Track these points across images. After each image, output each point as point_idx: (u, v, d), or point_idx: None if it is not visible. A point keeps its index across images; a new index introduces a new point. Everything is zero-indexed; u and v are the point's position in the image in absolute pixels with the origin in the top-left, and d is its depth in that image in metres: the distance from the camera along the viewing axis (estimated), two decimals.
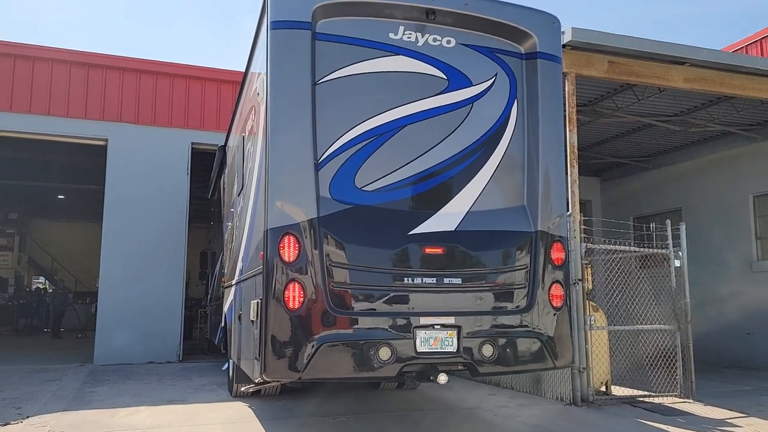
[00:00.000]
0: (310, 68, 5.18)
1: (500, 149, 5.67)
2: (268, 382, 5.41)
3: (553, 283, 5.50)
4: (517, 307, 5.37)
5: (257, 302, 5.26)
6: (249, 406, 7.37)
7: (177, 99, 13.01)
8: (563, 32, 8.02)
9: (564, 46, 8.14)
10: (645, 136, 12.77)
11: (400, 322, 4.98)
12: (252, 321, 5.54)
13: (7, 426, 6.43)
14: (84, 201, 22.15)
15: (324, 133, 5.15)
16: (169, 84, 12.99)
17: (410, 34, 5.55)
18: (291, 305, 4.77)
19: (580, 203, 8.31)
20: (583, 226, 7.95)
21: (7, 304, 23.02)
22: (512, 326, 5.31)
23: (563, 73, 8.22)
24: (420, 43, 5.57)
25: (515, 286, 5.42)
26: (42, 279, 28.56)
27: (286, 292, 4.78)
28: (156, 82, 12.92)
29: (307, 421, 6.60)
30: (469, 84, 5.67)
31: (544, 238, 5.53)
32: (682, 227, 8.35)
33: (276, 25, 5.26)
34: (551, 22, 6.06)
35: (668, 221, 8.33)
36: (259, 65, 6.12)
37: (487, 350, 5.15)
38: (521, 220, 5.58)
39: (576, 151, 8.25)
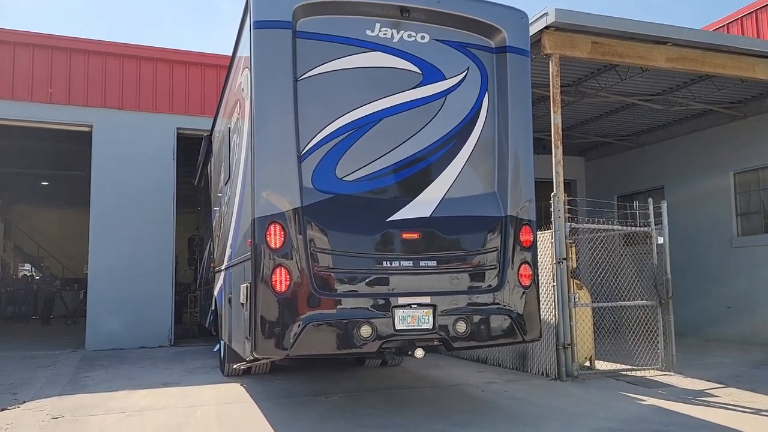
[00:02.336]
0: (292, 65, 5.47)
1: (472, 139, 6.01)
2: (259, 360, 5.73)
3: (522, 263, 5.90)
4: (489, 286, 5.76)
5: (246, 286, 5.58)
6: (243, 387, 7.52)
7: (161, 84, 12.93)
8: (547, 14, 8.20)
9: (548, 27, 8.28)
10: (628, 115, 12.94)
11: (380, 302, 5.36)
12: (242, 303, 5.84)
13: (5, 411, 6.51)
14: (68, 187, 21.99)
15: (306, 126, 5.45)
16: (152, 69, 12.89)
17: (386, 30, 5.85)
18: (278, 288, 5.15)
19: (564, 183, 8.47)
20: (568, 206, 8.11)
21: None
22: (484, 304, 5.70)
23: (547, 54, 8.42)
24: (395, 40, 5.87)
25: (486, 267, 5.80)
26: (28, 266, 28.40)
27: (274, 277, 5.16)
28: (139, 67, 12.81)
29: (301, 400, 6.75)
30: (443, 78, 5.98)
31: (513, 222, 5.92)
32: (664, 205, 8.53)
33: (258, 25, 5.54)
34: (520, 17, 6.38)
35: (650, 200, 8.51)
36: (243, 62, 6.32)
37: (461, 327, 5.55)
38: (492, 205, 5.94)
39: (560, 132, 8.39)
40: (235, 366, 7.56)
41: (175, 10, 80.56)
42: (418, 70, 5.89)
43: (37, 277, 26.14)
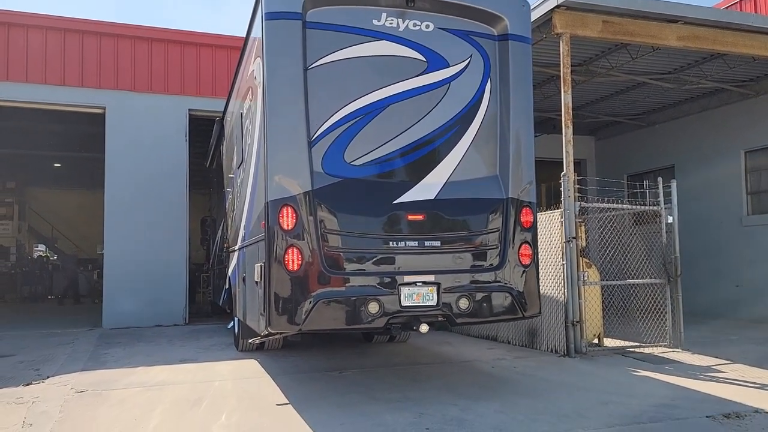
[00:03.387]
0: (302, 55, 5.69)
1: (475, 125, 6.21)
2: (273, 335, 5.99)
3: (522, 243, 6.15)
4: (490, 265, 6.02)
5: (261, 265, 5.83)
6: (258, 363, 7.73)
7: (173, 65, 13.00)
8: None
9: (558, 6, 8.28)
10: (639, 94, 12.90)
11: (387, 280, 5.63)
12: (256, 282, 6.10)
13: (30, 386, 6.75)
14: (81, 169, 22.23)
15: (316, 113, 5.69)
16: (164, 50, 12.95)
17: (392, 20, 6.03)
18: (290, 267, 5.43)
19: (574, 162, 8.53)
20: (578, 186, 8.17)
21: (10, 272, 23.29)
22: (486, 282, 5.97)
23: (558, 33, 8.43)
24: (401, 29, 6.06)
25: (488, 247, 6.06)
26: (42, 247, 28.82)
27: (286, 256, 5.44)
28: (151, 49, 12.88)
29: (315, 376, 6.95)
30: (447, 65, 6.17)
31: (514, 204, 6.14)
32: (673, 184, 8.58)
33: (270, 16, 5.75)
34: (521, 5, 6.54)
35: (660, 179, 8.55)
36: (255, 50, 6.51)
37: (463, 303, 5.82)
38: (494, 188, 6.16)
39: (571, 111, 8.42)
40: (250, 341, 7.82)
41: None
42: (423, 58, 6.08)
43: (54, 257, 26.58)
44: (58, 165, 22.07)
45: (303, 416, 5.26)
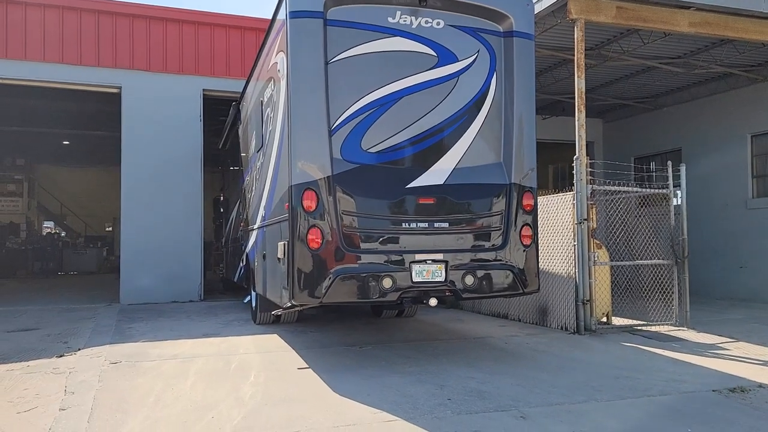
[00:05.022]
0: (323, 50, 6.17)
1: (481, 115, 6.68)
2: (295, 307, 6.45)
3: (523, 225, 6.65)
4: (494, 245, 6.54)
5: (284, 243, 6.31)
6: (279, 337, 8.03)
7: (187, 46, 13.13)
8: None
9: None
10: (648, 77, 13.03)
11: (399, 258, 6.15)
12: (279, 258, 6.60)
13: (62, 357, 7.05)
14: (90, 146, 22.41)
15: (336, 104, 6.17)
16: (178, 30, 13.07)
17: (405, 17, 6.46)
18: (312, 245, 5.94)
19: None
20: (589, 169, 8.39)
21: (20, 248, 23.62)
22: (489, 260, 6.50)
23: (573, 19, 8.58)
24: (414, 26, 6.49)
25: (492, 228, 6.57)
26: (51, 224, 29.13)
27: (309, 235, 5.95)
28: (165, 29, 13.00)
29: (337, 350, 7.25)
30: (456, 60, 6.61)
31: (517, 189, 6.64)
32: (683, 168, 8.79)
33: (294, 15, 6.22)
34: (525, 4, 6.95)
35: (669, 162, 8.76)
36: (278, 43, 6.97)
37: (469, 280, 6.34)
38: (498, 174, 6.65)
39: (584, 96, 8.60)
40: (272, 313, 8.30)
41: None
42: (434, 53, 6.54)
43: (63, 233, 26.87)
44: (67, 142, 22.24)
45: (329, 385, 5.56)
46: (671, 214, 8.75)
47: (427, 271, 6.17)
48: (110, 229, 27.71)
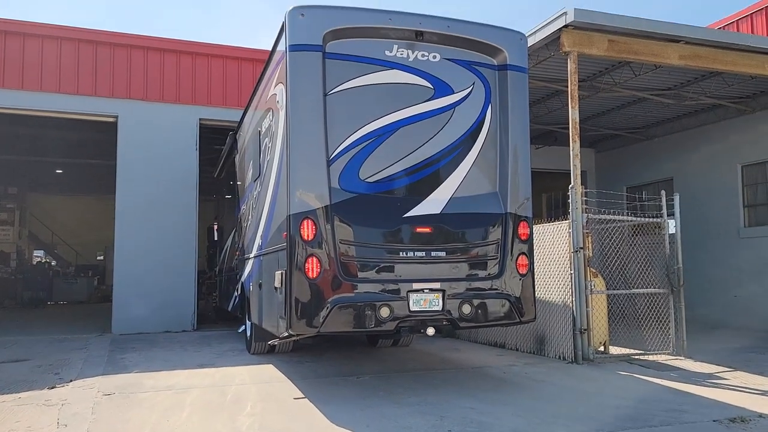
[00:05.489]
0: (322, 82, 6.28)
1: (477, 146, 6.78)
2: (292, 337, 6.41)
3: (519, 254, 6.70)
4: (490, 274, 6.56)
5: (282, 273, 6.27)
6: (275, 368, 7.93)
7: (184, 75, 13.25)
8: (566, 13, 8.61)
9: (566, 26, 8.65)
10: (639, 109, 13.26)
11: (397, 287, 6.16)
12: (276, 288, 6.56)
13: (54, 389, 6.92)
14: (83, 175, 22.39)
15: (334, 135, 6.23)
16: (175, 60, 13.20)
17: (403, 51, 6.62)
18: (311, 275, 5.93)
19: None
20: (584, 198, 8.46)
21: (10, 278, 23.34)
22: (486, 289, 6.51)
23: (566, 52, 8.76)
24: (411, 59, 6.64)
25: (489, 257, 6.61)
26: (41, 252, 28.87)
27: (307, 264, 5.94)
28: (163, 59, 13.13)
29: (334, 380, 7.16)
30: (452, 92, 6.74)
31: (512, 218, 6.70)
32: (676, 197, 8.88)
33: (293, 48, 6.32)
34: (519, 38, 7.13)
35: (663, 192, 8.85)
36: (277, 76, 7.08)
37: (466, 309, 6.35)
38: (494, 203, 6.72)
39: (578, 126, 8.73)
40: (268, 342, 8.25)
41: (178, 3, 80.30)
42: (430, 86, 6.66)
43: (53, 263, 26.58)
44: (60, 171, 22.20)
45: (327, 416, 5.48)
46: (666, 243, 8.81)
47: (425, 300, 6.19)
48: (101, 258, 27.48)
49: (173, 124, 13.06)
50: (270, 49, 7.66)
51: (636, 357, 8.52)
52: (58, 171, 22.21)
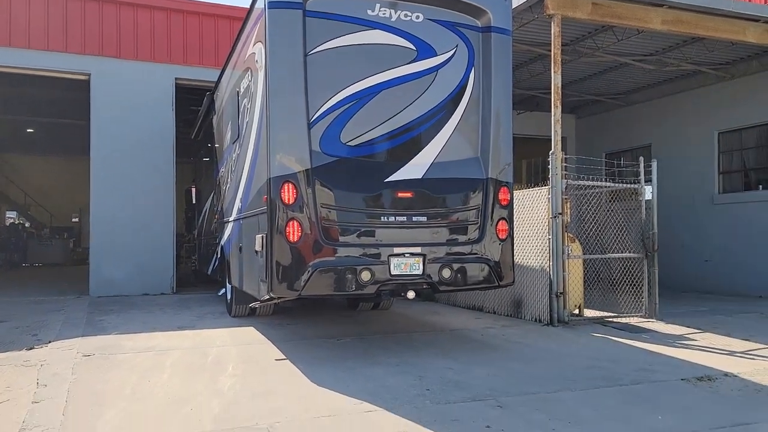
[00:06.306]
0: (302, 41, 6.11)
1: (459, 110, 6.72)
2: (273, 300, 6.41)
3: (499, 219, 6.75)
4: (470, 239, 6.60)
5: (262, 236, 6.27)
6: (256, 330, 7.98)
7: (159, 33, 12.85)
8: None
9: None
10: (620, 74, 13.27)
11: (378, 251, 6.17)
12: (257, 251, 6.54)
13: (33, 350, 6.89)
14: (55, 135, 21.82)
15: (314, 97, 6.12)
16: (149, 17, 12.78)
17: (385, 10, 6.46)
18: (291, 239, 5.92)
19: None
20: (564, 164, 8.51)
21: None
22: (466, 254, 6.56)
23: (550, 15, 8.67)
24: (393, 18, 6.48)
25: (469, 222, 6.64)
26: (14, 214, 28.34)
27: (287, 228, 5.92)
28: (136, 15, 12.69)
29: (315, 342, 7.24)
30: (434, 54, 6.63)
31: (493, 184, 6.72)
32: (654, 164, 8.98)
33: (273, 5, 6.15)
34: (504, 0, 6.96)
35: (641, 158, 8.95)
36: (255, 34, 6.89)
37: (446, 273, 6.40)
38: (475, 169, 6.70)
39: (560, 91, 8.71)
40: (249, 305, 8.24)
41: None
42: (413, 47, 6.53)
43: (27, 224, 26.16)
44: (31, 130, 21.61)
45: (308, 377, 5.56)
46: (642, 209, 8.94)
47: (405, 264, 6.23)
48: (77, 220, 27.08)
49: (148, 84, 12.73)
50: (248, 6, 7.44)
51: (609, 319, 8.74)
52: (29, 130, 21.62)
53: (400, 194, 6.32)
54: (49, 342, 7.29)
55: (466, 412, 4.64)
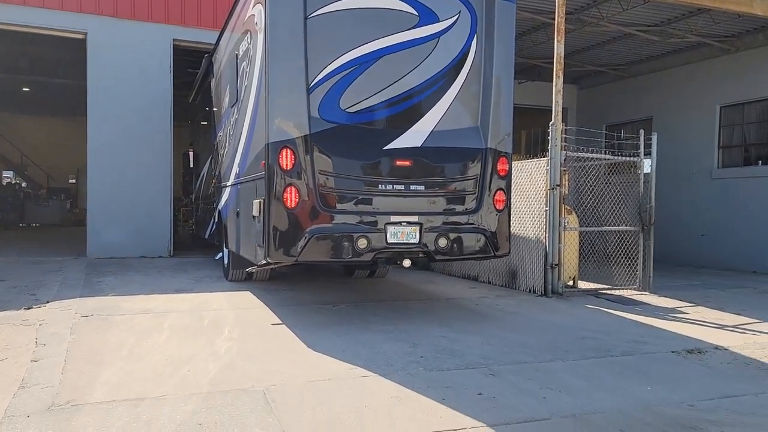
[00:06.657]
0: (303, 3, 5.99)
1: (460, 78, 6.63)
2: (270, 265, 6.46)
3: (497, 190, 6.73)
4: (467, 209, 6.59)
5: (260, 201, 6.26)
6: (253, 294, 8.04)
7: None
8: None
9: None
10: (624, 45, 13.11)
11: (374, 219, 6.17)
12: (254, 216, 6.54)
13: (31, 310, 6.95)
14: (52, 95, 21.55)
15: (314, 61, 6.04)
16: None
17: None
18: (289, 204, 5.92)
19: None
20: (564, 135, 8.46)
21: None
22: (462, 224, 6.56)
23: None
24: None
25: (467, 192, 6.61)
26: (11, 174, 28.23)
27: (285, 194, 5.91)
28: None
29: (311, 308, 7.31)
30: (437, 20, 6.50)
31: (492, 154, 6.69)
32: (654, 137, 8.94)
33: None
34: None
35: (642, 131, 8.90)
36: None
37: (442, 242, 6.41)
38: (475, 138, 6.65)
39: (562, 61, 8.60)
40: (247, 270, 8.28)
41: None
42: (415, 12, 6.41)
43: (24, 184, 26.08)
44: (27, 89, 21.34)
45: (304, 341, 5.63)
46: (640, 182, 8.94)
47: (402, 233, 6.24)
48: (74, 181, 26.98)
49: (145, 44, 12.52)
50: None
51: (603, 291, 8.82)
52: (25, 89, 21.34)
53: (398, 162, 6.29)
54: (48, 302, 7.34)
55: (458, 379, 4.72)
